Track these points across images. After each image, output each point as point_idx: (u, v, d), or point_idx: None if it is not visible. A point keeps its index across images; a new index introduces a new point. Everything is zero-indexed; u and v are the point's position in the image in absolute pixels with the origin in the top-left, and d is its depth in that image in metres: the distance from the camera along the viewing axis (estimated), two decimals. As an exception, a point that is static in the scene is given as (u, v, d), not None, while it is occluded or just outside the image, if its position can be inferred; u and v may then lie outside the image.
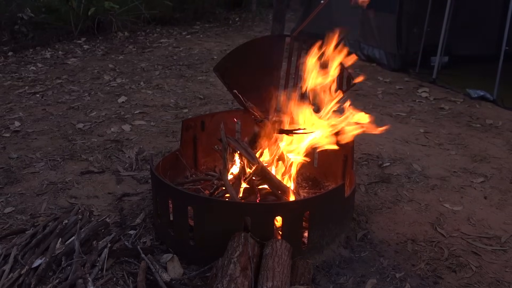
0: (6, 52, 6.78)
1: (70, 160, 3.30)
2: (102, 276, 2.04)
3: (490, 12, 5.85)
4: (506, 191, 2.89)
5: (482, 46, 5.88)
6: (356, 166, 3.20)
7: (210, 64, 6.04)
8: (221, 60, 2.90)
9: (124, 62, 6.36)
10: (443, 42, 5.29)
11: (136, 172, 3.11)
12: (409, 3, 5.70)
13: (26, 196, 2.80)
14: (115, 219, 2.53)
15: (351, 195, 2.35)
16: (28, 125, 3.99)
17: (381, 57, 6.09)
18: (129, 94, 4.90)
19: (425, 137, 3.78)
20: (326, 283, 2.06)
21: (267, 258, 1.89)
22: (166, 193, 2.20)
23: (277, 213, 2.08)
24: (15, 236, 2.35)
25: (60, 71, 5.89)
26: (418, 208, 2.70)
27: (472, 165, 3.26)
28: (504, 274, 2.14)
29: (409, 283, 2.06)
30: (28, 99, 4.72)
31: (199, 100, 4.74)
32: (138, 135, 3.78)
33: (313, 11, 2.98)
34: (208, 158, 2.95)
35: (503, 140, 3.72)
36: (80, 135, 3.77)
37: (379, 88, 5.14)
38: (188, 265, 2.14)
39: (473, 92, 4.80)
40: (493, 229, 2.49)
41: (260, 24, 10.08)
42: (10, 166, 3.20)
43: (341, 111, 2.51)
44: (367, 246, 2.32)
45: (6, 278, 1.98)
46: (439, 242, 2.37)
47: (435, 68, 5.31)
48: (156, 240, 2.33)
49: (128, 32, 8.31)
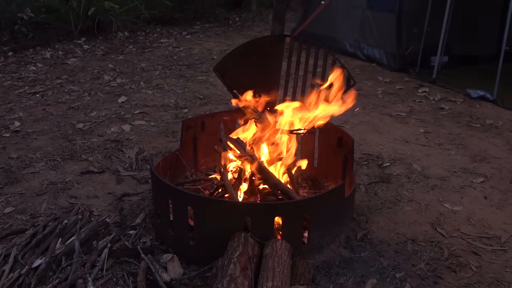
0: (6, 52, 6.78)
1: (70, 160, 3.30)
2: (102, 276, 2.04)
3: (490, 12, 5.84)
4: (506, 191, 2.89)
5: (482, 46, 5.88)
6: (356, 166, 3.20)
7: (210, 64, 6.04)
8: (221, 60, 2.90)
9: (124, 62, 6.36)
10: (443, 42, 5.29)
11: (136, 172, 3.11)
12: (409, 3, 5.70)
13: (26, 196, 2.80)
14: (115, 219, 2.53)
15: (351, 195, 2.35)
16: (28, 125, 3.99)
17: (381, 57, 6.09)
18: (129, 94, 4.90)
19: (425, 137, 3.78)
20: (326, 283, 2.06)
21: (267, 258, 1.89)
22: (166, 193, 2.20)
23: (277, 213, 2.08)
24: (15, 236, 2.35)
25: (60, 71, 5.89)
26: (418, 208, 2.70)
27: (472, 165, 3.26)
28: (504, 274, 2.14)
29: (409, 283, 2.06)
30: (28, 99, 4.72)
31: (199, 100, 4.74)
32: (138, 135, 3.78)
33: (313, 11, 2.98)
34: (208, 158, 2.95)
35: (503, 140, 3.72)
36: (80, 135, 3.77)
37: (379, 88, 5.14)
38: (188, 265, 2.14)
39: (473, 92, 4.80)
40: (493, 229, 2.49)
41: (260, 24, 10.08)
42: (10, 166, 3.20)
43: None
44: (367, 246, 2.32)
45: (6, 278, 1.98)
46: (439, 242, 2.37)
47: (435, 68, 5.31)
48: (156, 240, 2.33)
49: (128, 32, 8.31)
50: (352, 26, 6.51)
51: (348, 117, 4.18)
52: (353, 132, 3.72)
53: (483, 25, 5.83)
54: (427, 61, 5.60)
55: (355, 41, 6.50)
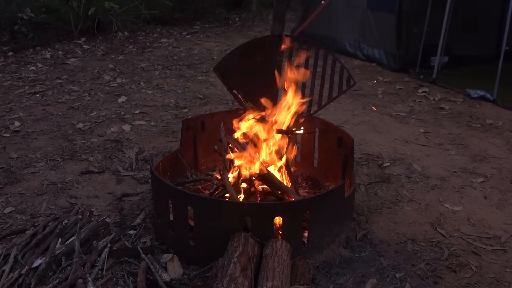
0: (6, 52, 6.78)
1: (70, 160, 3.30)
2: (102, 276, 2.04)
3: (490, 12, 5.84)
4: (506, 191, 2.89)
5: (482, 46, 5.88)
6: (356, 166, 3.20)
7: (210, 64, 6.04)
8: (221, 60, 2.90)
9: (124, 62, 6.36)
10: (443, 42, 5.29)
11: (136, 172, 3.11)
12: (409, 3, 5.70)
13: (26, 196, 2.80)
14: (115, 219, 2.53)
15: (351, 195, 2.35)
16: (28, 125, 3.99)
17: (381, 57, 6.09)
18: (129, 94, 4.90)
19: (425, 137, 3.78)
20: (326, 283, 2.06)
21: (267, 258, 1.89)
22: (166, 193, 2.20)
23: (277, 213, 2.08)
24: (15, 236, 2.35)
25: (60, 71, 5.89)
26: (418, 208, 2.70)
27: (472, 165, 3.26)
28: (504, 274, 2.14)
29: (409, 283, 2.06)
30: (28, 99, 4.72)
31: (199, 100, 4.74)
32: (138, 135, 3.78)
33: (313, 11, 2.98)
34: (208, 158, 2.95)
35: (503, 140, 3.72)
36: (80, 135, 3.77)
37: (379, 88, 5.14)
38: (188, 265, 2.14)
39: (473, 92, 4.80)
40: (493, 229, 2.49)
41: (260, 24, 10.08)
42: (10, 166, 3.20)
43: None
44: (367, 246, 2.32)
45: (6, 278, 1.98)
46: (439, 242, 2.37)
47: (435, 68, 5.31)
48: (156, 240, 2.33)
49: (128, 32, 8.31)
50: (352, 26, 6.51)
51: (348, 117, 4.19)
52: (353, 132, 3.72)
53: (483, 25, 5.82)
54: (427, 61, 5.60)
55: (355, 41, 6.50)
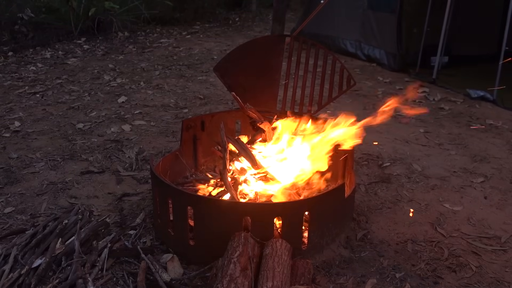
0: (6, 52, 6.78)
1: (70, 160, 3.30)
2: (102, 276, 2.04)
3: (490, 12, 5.85)
4: (506, 191, 2.89)
5: (482, 46, 5.88)
6: (356, 166, 3.20)
7: (210, 64, 6.04)
8: (221, 60, 2.90)
9: (124, 62, 6.36)
10: (443, 42, 5.29)
11: (136, 172, 3.11)
12: (409, 3, 5.70)
13: (26, 196, 2.80)
14: (115, 219, 2.53)
15: (351, 195, 2.35)
16: (28, 125, 3.99)
17: (381, 57, 6.09)
18: (129, 94, 4.90)
19: (425, 137, 3.78)
20: (326, 283, 2.06)
21: (267, 258, 1.89)
22: (166, 193, 2.20)
23: (277, 213, 2.08)
24: (15, 236, 2.35)
25: (60, 71, 5.89)
26: (418, 208, 2.70)
27: (472, 165, 3.26)
28: (504, 274, 2.14)
29: (409, 283, 2.06)
30: (28, 99, 4.72)
31: (199, 100, 4.74)
32: (138, 135, 3.78)
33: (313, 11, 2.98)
34: (208, 158, 2.95)
35: (503, 140, 3.72)
36: (80, 135, 3.77)
37: (379, 89, 5.14)
38: (188, 265, 2.14)
39: (473, 92, 4.80)
40: (493, 229, 2.49)
41: (260, 24, 10.08)
42: (10, 166, 3.20)
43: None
44: (367, 246, 2.32)
45: (6, 278, 1.98)
46: (439, 242, 2.37)
47: (435, 68, 5.31)
48: (156, 240, 2.33)
49: (128, 32, 8.32)
50: (353, 26, 6.52)
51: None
52: (353, 132, 3.72)
53: (483, 25, 5.82)
54: (427, 61, 5.61)
55: (356, 41, 6.51)
